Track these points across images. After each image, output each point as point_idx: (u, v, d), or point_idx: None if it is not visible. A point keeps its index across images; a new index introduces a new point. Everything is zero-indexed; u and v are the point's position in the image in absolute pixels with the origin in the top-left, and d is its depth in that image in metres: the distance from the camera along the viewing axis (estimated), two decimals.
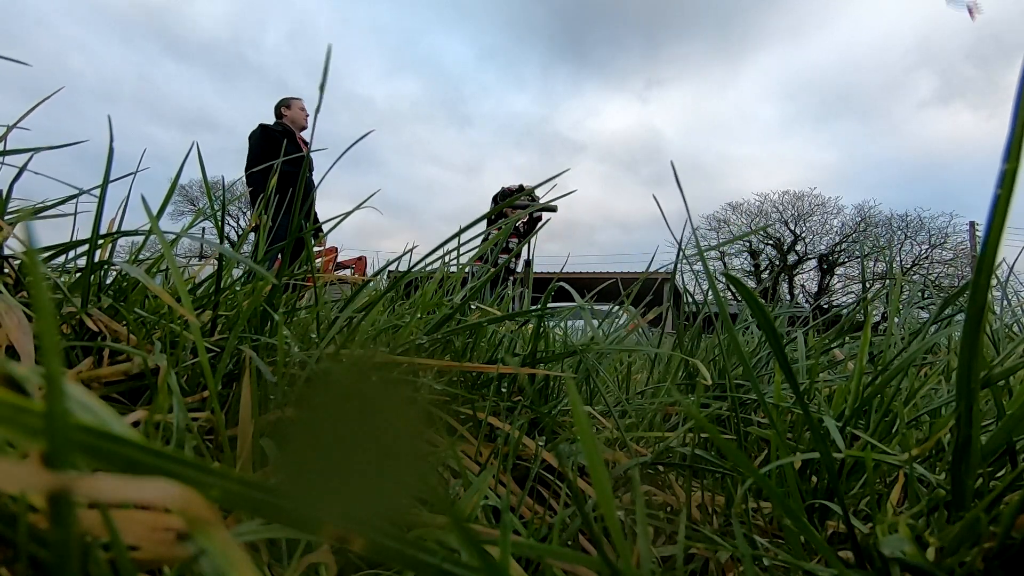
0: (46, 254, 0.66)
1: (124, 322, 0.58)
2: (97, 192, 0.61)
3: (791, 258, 22.49)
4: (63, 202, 0.72)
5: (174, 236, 0.66)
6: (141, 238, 0.84)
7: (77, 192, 0.71)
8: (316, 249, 0.70)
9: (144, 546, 0.19)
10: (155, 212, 0.50)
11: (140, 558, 0.19)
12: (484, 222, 0.70)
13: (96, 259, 0.59)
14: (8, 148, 0.68)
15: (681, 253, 0.71)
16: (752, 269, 22.74)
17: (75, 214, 0.73)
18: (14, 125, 0.70)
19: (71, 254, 0.70)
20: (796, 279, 22.61)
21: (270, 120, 3.86)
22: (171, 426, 0.39)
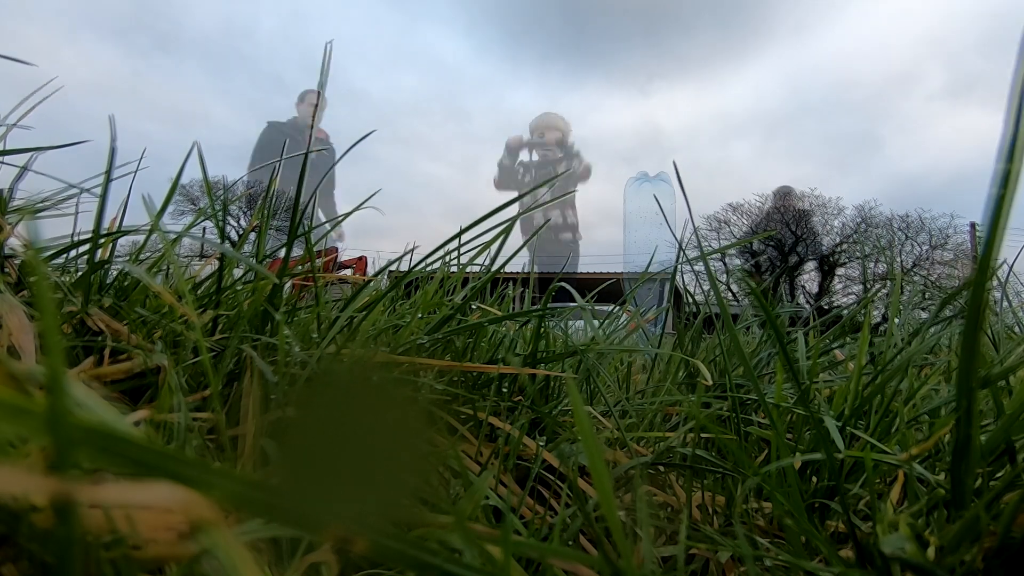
0: (47, 253, 0.66)
1: (125, 321, 0.58)
2: (96, 190, 0.61)
3: (792, 259, 22.48)
4: (62, 201, 0.72)
5: (175, 235, 0.66)
6: (141, 237, 0.84)
7: (78, 191, 0.72)
8: (316, 249, 0.71)
9: (147, 545, 0.19)
10: (155, 211, 0.50)
11: (143, 557, 0.19)
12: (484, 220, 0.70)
13: (97, 258, 0.59)
14: (8, 147, 0.68)
15: (681, 253, 0.71)
16: (753, 270, 22.72)
17: (76, 213, 0.73)
18: (15, 124, 0.70)
19: (72, 253, 0.70)
20: (797, 280, 22.59)
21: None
22: (173, 425, 0.39)
